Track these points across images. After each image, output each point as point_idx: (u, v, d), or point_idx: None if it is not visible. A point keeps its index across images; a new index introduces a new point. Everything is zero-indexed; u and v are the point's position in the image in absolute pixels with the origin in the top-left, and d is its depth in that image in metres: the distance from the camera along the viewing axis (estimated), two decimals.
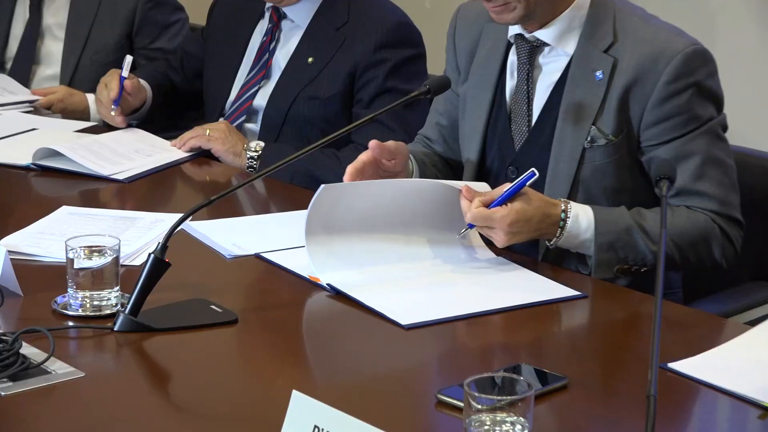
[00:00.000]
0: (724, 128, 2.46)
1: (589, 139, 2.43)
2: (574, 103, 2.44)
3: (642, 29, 2.44)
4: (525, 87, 2.52)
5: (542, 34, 2.46)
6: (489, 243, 2.38)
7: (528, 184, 2.29)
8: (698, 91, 2.39)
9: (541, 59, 2.51)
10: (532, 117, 2.52)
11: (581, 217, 2.32)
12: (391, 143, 2.42)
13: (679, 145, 2.38)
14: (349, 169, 2.39)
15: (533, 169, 2.30)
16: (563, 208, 2.31)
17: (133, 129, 3.20)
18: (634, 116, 2.42)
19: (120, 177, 2.88)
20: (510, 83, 2.55)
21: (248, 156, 2.95)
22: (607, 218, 2.34)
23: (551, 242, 2.34)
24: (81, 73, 3.58)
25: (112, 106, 3.06)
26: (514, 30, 2.49)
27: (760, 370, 1.83)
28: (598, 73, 2.42)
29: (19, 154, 2.97)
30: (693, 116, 2.39)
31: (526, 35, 2.48)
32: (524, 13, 2.38)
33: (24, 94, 3.54)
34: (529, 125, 2.53)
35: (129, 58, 3.11)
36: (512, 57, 2.54)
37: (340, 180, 2.74)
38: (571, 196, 2.44)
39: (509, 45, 2.53)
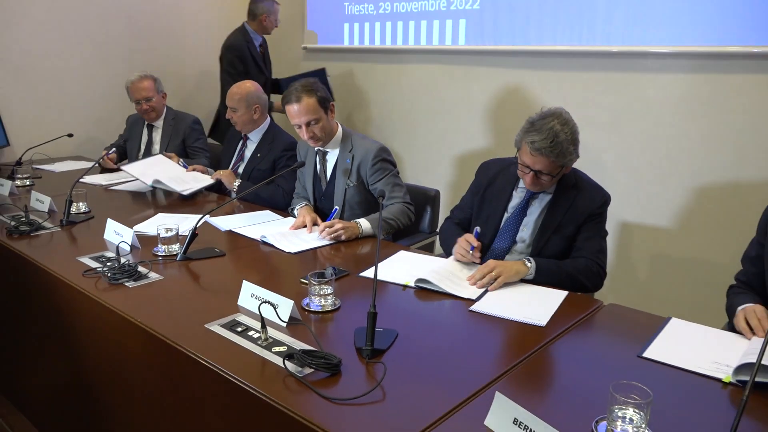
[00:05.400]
0: (398, 173, 2.42)
1: (347, 184, 2.38)
2: (341, 171, 2.39)
3: (362, 142, 2.40)
4: (323, 167, 2.45)
5: (326, 147, 2.41)
6: None
7: (335, 214, 2.25)
8: (384, 161, 2.37)
9: (327, 157, 2.44)
10: (327, 177, 2.44)
11: (363, 222, 2.19)
12: (311, 219, 2.23)
13: (384, 180, 2.36)
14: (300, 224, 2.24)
15: (336, 206, 2.30)
16: (358, 225, 2.15)
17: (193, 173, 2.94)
18: (364, 174, 2.37)
19: (185, 193, 2.69)
20: (318, 167, 2.46)
21: (235, 187, 2.80)
22: (370, 219, 2.22)
23: (361, 233, 2.14)
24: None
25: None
26: (316, 147, 2.42)
27: (425, 273, 1.82)
28: (348, 160, 2.38)
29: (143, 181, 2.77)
30: (386, 169, 2.37)
31: (321, 149, 2.43)
32: (323, 142, 2.36)
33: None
34: (326, 181, 2.45)
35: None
36: (317, 157, 2.46)
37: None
38: (342, 207, 2.39)
39: (316, 153, 2.46)
